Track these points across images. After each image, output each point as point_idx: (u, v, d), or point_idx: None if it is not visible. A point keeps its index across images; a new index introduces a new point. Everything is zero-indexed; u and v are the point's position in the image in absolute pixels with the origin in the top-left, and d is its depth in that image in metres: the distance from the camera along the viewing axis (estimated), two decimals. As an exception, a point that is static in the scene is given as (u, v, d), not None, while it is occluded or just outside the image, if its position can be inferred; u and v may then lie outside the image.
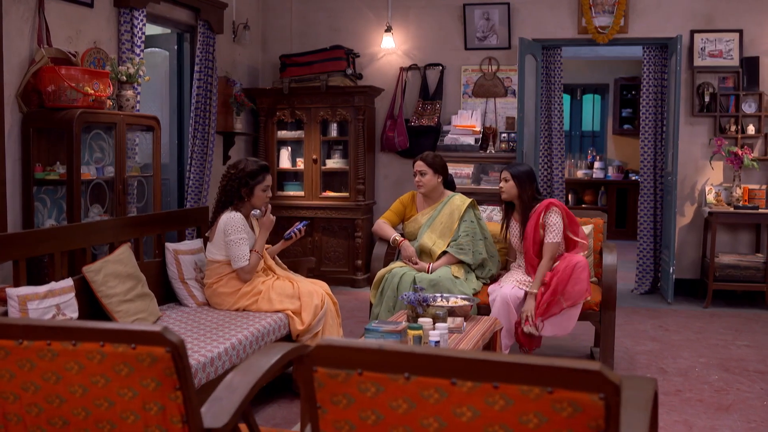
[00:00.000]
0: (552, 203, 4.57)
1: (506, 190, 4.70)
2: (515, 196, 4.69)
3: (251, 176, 4.25)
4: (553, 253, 4.49)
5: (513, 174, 4.68)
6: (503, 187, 4.72)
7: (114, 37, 5.52)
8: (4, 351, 1.77)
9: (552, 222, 4.50)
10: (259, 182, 4.28)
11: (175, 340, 1.66)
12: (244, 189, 4.24)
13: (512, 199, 4.72)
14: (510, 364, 1.45)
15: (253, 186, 4.25)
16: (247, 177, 4.24)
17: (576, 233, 4.57)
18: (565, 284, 4.34)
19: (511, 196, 4.70)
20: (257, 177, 4.27)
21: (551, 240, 4.48)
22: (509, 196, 4.71)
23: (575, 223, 4.62)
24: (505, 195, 4.73)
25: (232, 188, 4.24)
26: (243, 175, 4.24)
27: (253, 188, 4.26)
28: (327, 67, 7.48)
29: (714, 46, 7.05)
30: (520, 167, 4.77)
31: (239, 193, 4.24)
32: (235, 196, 4.25)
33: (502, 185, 4.73)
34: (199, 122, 6.55)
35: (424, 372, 1.50)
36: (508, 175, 4.70)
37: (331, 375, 1.56)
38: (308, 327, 4.14)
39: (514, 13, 7.47)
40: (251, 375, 1.94)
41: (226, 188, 4.25)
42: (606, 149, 12.28)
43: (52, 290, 3.27)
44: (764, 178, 7.05)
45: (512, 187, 4.67)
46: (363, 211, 7.58)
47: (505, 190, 4.71)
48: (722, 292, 6.97)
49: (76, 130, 4.53)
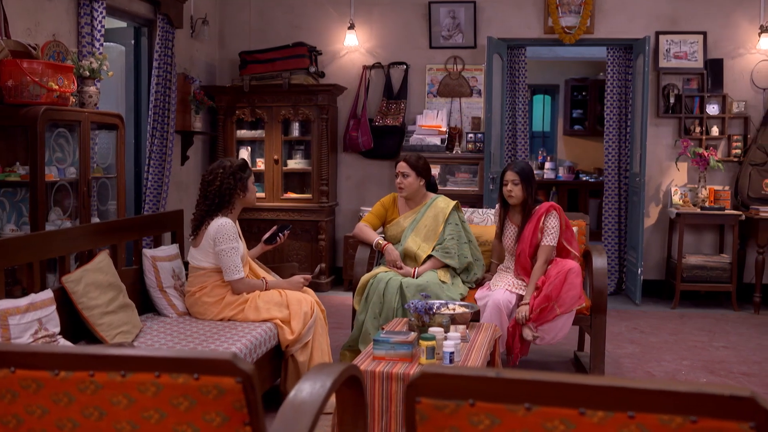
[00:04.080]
0: (553, 206, 4.44)
1: (516, 194, 4.48)
2: (522, 199, 4.49)
3: (242, 169, 4.06)
4: (549, 256, 4.37)
5: (522, 176, 4.46)
6: (513, 191, 4.48)
7: (74, 29, 5.18)
8: (36, 384, 1.52)
9: (551, 225, 4.38)
10: (249, 174, 4.13)
11: (248, 370, 1.45)
12: (240, 184, 4.02)
13: (519, 202, 4.52)
14: (647, 390, 1.29)
15: (246, 179, 4.06)
16: (238, 171, 4.02)
17: (569, 241, 4.46)
18: (559, 290, 4.21)
19: (519, 199, 4.50)
20: (246, 170, 4.10)
21: (548, 243, 4.36)
22: (518, 199, 4.51)
23: (570, 230, 4.50)
24: (515, 200, 4.51)
25: (229, 186, 4.00)
26: (234, 171, 4.01)
27: (246, 182, 4.05)
28: (289, 65, 7.24)
29: (679, 48, 7.08)
30: (524, 167, 4.55)
31: (236, 189, 4.01)
32: (234, 193, 4.01)
33: (512, 189, 4.48)
34: (157, 121, 6.23)
35: (547, 401, 1.33)
36: (516, 177, 4.47)
37: (438, 406, 1.37)
38: (298, 336, 3.92)
39: (479, 12, 7.37)
40: (308, 414, 1.72)
41: (222, 189, 3.99)
42: (556, 150, 12.33)
43: (33, 303, 2.96)
44: (728, 179, 7.11)
45: (521, 190, 4.48)
46: (326, 213, 7.37)
47: (514, 195, 4.49)
48: (687, 292, 7.00)
49: (40, 128, 4.20)
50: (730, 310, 6.69)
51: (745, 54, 7.04)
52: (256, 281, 4.06)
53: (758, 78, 7.02)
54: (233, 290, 3.99)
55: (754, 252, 6.88)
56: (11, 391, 1.55)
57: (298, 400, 1.74)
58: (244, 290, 4.01)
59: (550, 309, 4.21)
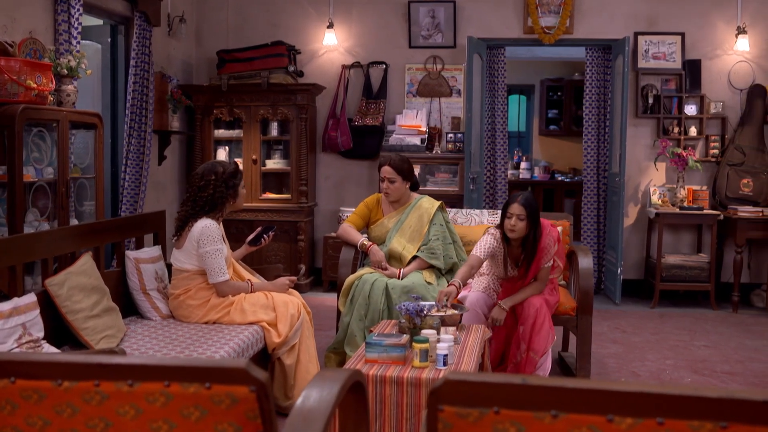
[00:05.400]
0: (557, 237, 4.36)
1: (519, 229, 4.10)
2: (524, 234, 4.15)
3: (234, 176, 3.99)
4: (547, 276, 4.30)
5: (528, 211, 4.08)
6: (516, 227, 4.09)
7: (50, 27, 5.06)
8: (38, 395, 1.46)
9: (550, 248, 4.29)
10: (240, 180, 4.07)
11: (262, 378, 1.40)
12: (232, 191, 3.95)
13: (520, 236, 4.16)
14: (677, 396, 1.27)
15: (237, 185, 3.99)
16: (231, 179, 3.95)
17: (560, 255, 4.42)
18: (529, 339, 4.09)
19: (521, 234, 4.13)
20: (237, 175, 4.03)
21: (547, 264, 4.29)
22: (520, 234, 4.13)
23: (561, 244, 4.45)
24: (516, 234, 4.13)
25: (221, 194, 3.93)
26: (227, 178, 3.95)
27: (236, 188, 3.98)
28: (268, 64, 7.16)
29: (657, 49, 7.12)
30: (531, 200, 4.15)
31: (228, 196, 3.95)
32: (226, 201, 3.96)
33: (515, 223, 4.08)
34: (135, 120, 6.12)
35: (574, 408, 1.30)
36: (523, 212, 4.07)
37: (461, 414, 1.33)
38: (285, 339, 3.86)
39: (459, 11, 7.35)
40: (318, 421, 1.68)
41: (214, 196, 3.92)
42: (532, 150, 12.37)
43: (16, 307, 2.87)
44: (706, 179, 7.17)
45: (526, 226, 4.10)
46: (305, 214, 7.30)
47: (518, 230, 4.10)
48: (666, 291, 7.04)
49: (19, 128, 4.09)
50: (709, 309, 6.74)
51: (723, 55, 7.10)
52: (241, 284, 4.00)
53: (735, 79, 7.08)
54: (218, 293, 3.92)
55: (732, 251, 6.94)
56: (11, 402, 1.49)
57: (306, 407, 1.69)
58: (230, 293, 3.94)
59: (528, 360, 4.11)
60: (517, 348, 4.16)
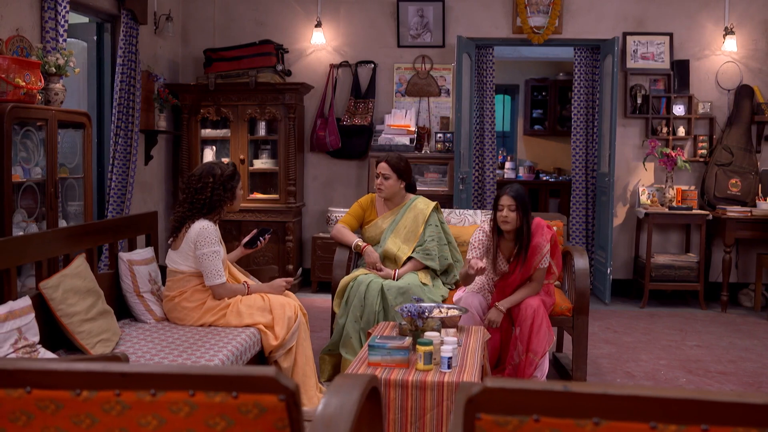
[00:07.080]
0: (553, 235, 4.33)
1: (511, 220, 4.09)
2: (517, 225, 4.13)
3: (231, 178, 3.92)
4: (542, 277, 4.27)
5: (518, 201, 4.07)
6: (508, 217, 4.07)
7: (37, 24, 4.97)
8: (55, 405, 1.40)
9: (543, 246, 4.25)
10: (237, 182, 4.00)
11: (291, 386, 1.35)
12: (229, 194, 3.89)
13: (513, 228, 4.14)
14: (722, 403, 1.24)
15: (234, 188, 3.93)
16: (229, 181, 3.89)
17: (556, 262, 4.37)
18: (528, 340, 4.06)
19: (514, 226, 4.12)
20: (235, 177, 3.97)
21: (543, 266, 4.25)
22: (513, 226, 4.12)
23: (557, 247, 4.41)
24: (509, 226, 4.12)
25: (219, 196, 3.87)
26: (225, 181, 3.88)
27: (234, 190, 3.92)
28: (256, 63, 7.09)
29: (646, 49, 7.14)
30: (521, 191, 4.14)
31: (225, 198, 3.88)
32: (223, 203, 3.90)
33: (507, 214, 4.07)
34: (122, 119, 6.03)
35: (617, 415, 1.26)
36: (513, 203, 4.06)
37: (499, 423, 1.29)
38: (282, 342, 3.81)
39: (448, 11, 7.32)
40: (341, 428, 1.63)
41: (212, 199, 3.86)
42: (516, 150, 12.37)
43: (12, 311, 2.79)
44: (694, 179, 7.19)
45: (517, 217, 4.09)
46: (294, 214, 7.24)
47: (510, 221, 4.09)
48: (655, 291, 7.06)
49: (7, 127, 4.01)
50: (698, 309, 6.76)
51: (711, 55, 7.13)
52: (237, 286, 3.94)
53: (723, 79, 7.12)
54: (214, 295, 3.86)
55: (720, 251, 6.97)
56: (26, 412, 1.43)
57: (327, 414, 1.65)
58: (226, 295, 3.88)
59: (528, 362, 4.08)
60: (514, 349, 4.13)
